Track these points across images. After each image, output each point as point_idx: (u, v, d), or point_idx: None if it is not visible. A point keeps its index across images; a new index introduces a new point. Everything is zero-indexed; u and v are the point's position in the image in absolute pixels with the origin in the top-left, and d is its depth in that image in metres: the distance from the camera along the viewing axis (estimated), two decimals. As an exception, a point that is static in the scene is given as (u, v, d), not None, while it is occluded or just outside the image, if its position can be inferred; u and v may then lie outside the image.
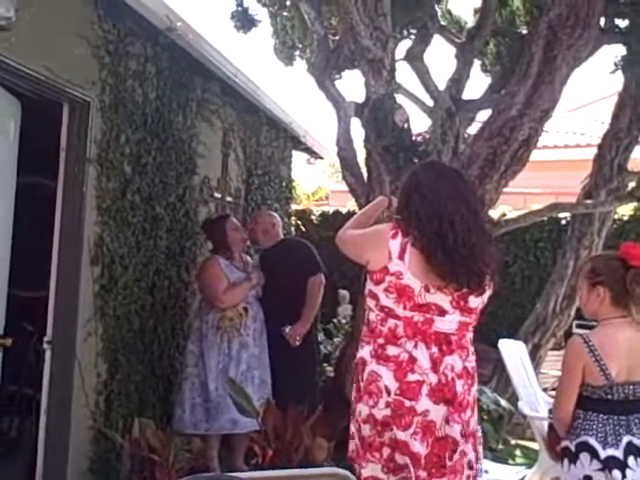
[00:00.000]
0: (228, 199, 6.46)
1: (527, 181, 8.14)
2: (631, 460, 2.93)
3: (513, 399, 5.52)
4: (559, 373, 3.72)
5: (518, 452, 5.90)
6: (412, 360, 2.65)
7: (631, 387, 3.02)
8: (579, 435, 3.02)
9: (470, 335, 2.78)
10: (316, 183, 13.24)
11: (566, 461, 3.05)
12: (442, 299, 2.68)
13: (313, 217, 9.90)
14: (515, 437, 6.10)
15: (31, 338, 4.54)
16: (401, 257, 2.67)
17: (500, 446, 5.36)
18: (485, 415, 5.91)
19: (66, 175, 4.14)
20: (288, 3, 6.17)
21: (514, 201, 9.05)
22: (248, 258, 5.38)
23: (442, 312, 2.69)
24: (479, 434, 2.86)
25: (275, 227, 5.55)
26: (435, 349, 2.66)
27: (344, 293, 8.93)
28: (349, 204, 9.33)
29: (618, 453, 2.94)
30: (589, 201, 6.65)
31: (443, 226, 2.65)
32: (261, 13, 6.70)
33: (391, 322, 2.69)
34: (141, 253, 4.75)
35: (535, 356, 6.67)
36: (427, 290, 2.66)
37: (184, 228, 5.44)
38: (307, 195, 12.38)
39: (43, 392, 4.09)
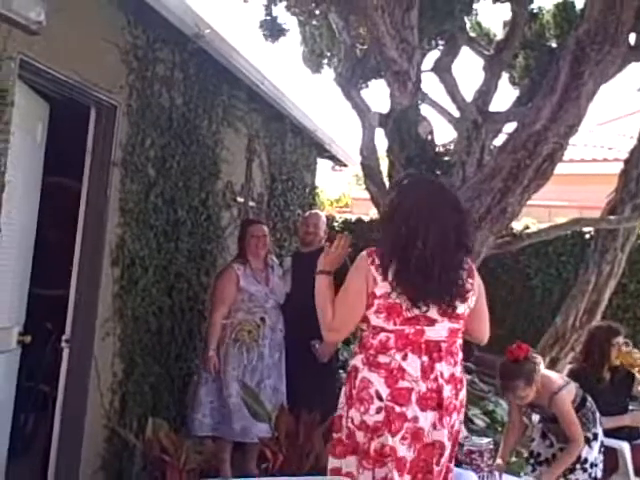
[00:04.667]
0: (251, 204, 6.49)
1: (553, 194, 8.10)
2: None
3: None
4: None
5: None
6: (402, 368, 2.74)
7: None
8: None
9: (460, 341, 2.88)
10: (340, 190, 13.26)
11: None
12: (430, 311, 2.78)
13: (335, 224, 9.92)
14: (527, 449, 6.05)
15: (50, 336, 4.60)
16: (385, 279, 2.78)
17: (513, 459, 5.33)
18: (499, 427, 5.88)
19: (91, 177, 4.21)
20: (317, 12, 6.20)
21: (539, 213, 9.01)
22: (275, 261, 5.31)
23: (431, 322, 2.79)
24: (461, 432, 3.01)
25: (320, 231, 5.50)
26: (425, 358, 2.75)
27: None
28: (372, 212, 9.33)
29: None
30: (613, 217, 6.59)
31: (411, 252, 2.76)
32: (290, 22, 6.73)
33: (382, 335, 2.78)
34: (162, 255, 4.81)
35: (553, 369, 6.62)
36: (415, 305, 2.76)
37: (206, 232, 5.49)
38: (330, 202, 12.39)
39: (59, 390, 4.15)
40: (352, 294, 2.88)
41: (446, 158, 5.06)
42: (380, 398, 2.72)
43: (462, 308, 2.84)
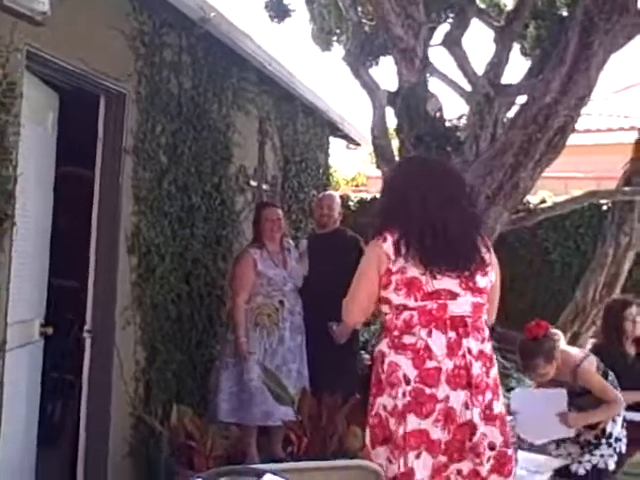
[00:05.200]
0: (264, 187, 6.48)
1: (569, 165, 8.04)
2: None
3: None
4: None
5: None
6: (428, 348, 2.66)
7: None
8: None
9: (485, 317, 2.80)
10: (355, 169, 13.21)
11: None
12: (450, 283, 2.72)
13: (350, 203, 9.87)
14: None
15: (72, 327, 4.63)
16: (398, 254, 2.73)
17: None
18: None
19: (103, 166, 4.22)
20: (324, -11, 6.16)
21: (555, 186, 8.93)
22: (291, 244, 5.30)
23: (454, 296, 2.72)
24: (509, 419, 2.86)
25: (335, 213, 5.49)
26: (452, 334, 2.68)
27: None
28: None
29: None
30: (628, 188, 6.52)
31: (417, 217, 2.75)
32: (296, 1, 6.67)
33: (405, 314, 2.71)
34: (177, 242, 4.81)
35: (574, 344, 6.59)
36: (433, 277, 2.70)
37: (220, 217, 5.49)
38: (346, 181, 12.35)
39: (83, 379, 4.19)
40: (362, 280, 2.86)
41: (457, 134, 5.00)
42: (407, 381, 2.64)
43: (484, 282, 2.78)
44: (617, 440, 4.09)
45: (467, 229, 2.83)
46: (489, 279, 2.81)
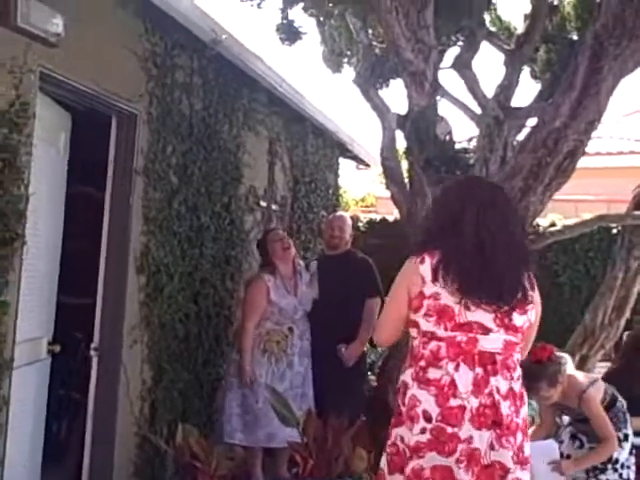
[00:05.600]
0: (274, 207, 6.51)
1: (579, 188, 8.02)
2: None
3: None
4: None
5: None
6: (454, 383, 2.55)
7: None
8: None
9: (517, 356, 2.67)
10: (365, 189, 13.22)
11: None
12: (484, 317, 2.58)
13: (360, 224, 9.89)
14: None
15: (79, 345, 4.64)
16: (435, 278, 2.60)
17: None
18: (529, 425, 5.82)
19: (114, 186, 4.25)
20: (335, 12, 6.19)
21: (565, 208, 8.92)
22: (302, 265, 5.26)
23: (486, 330, 2.59)
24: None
25: (346, 235, 5.46)
26: (480, 370, 2.56)
27: (390, 300, 8.90)
28: (396, 212, 9.29)
29: None
30: (638, 212, 6.50)
31: (465, 240, 2.62)
32: (307, 23, 6.72)
33: (433, 344, 2.59)
34: (186, 262, 4.83)
35: (583, 368, 6.56)
36: (467, 308, 2.57)
37: (230, 237, 5.51)
38: (355, 201, 12.36)
39: (90, 397, 4.20)
40: (394, 294, 2.75)
41: (467, 156, 5.01)
42: (428, 419, 2.54)
43: (521, 320, 2.64)
44: (624, 466, 4.06)
45: (515, 262, 2.68)
46: (527, 318, 2.68)
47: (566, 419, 4.33)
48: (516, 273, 2.67)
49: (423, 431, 2.54)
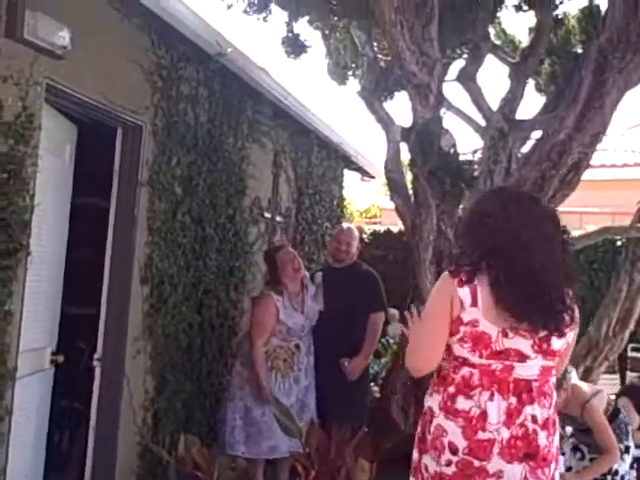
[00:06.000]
0: (278, 219, 6.52)
1: (584, 200, 8.03)
2: None
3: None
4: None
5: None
6: (484, 416, 2.41)
7: None
8: None
9: (553, 380, 2.54)
10: (369, 200, 13.27)
11: None
12: (522, 343, 2.43)
13: (364, 235, 9.91)
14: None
15: (82, 355, 4.65)
16: (474, 304, 2.43)
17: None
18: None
19: (119, 197, 4.27)
20: (340, 25, 6.24)
21: (570, 220, 8.87)
22: (307, 278, 5.17)
23: (523, 357, 2.44)
24: None
25: (352, 249, 5.39)
26: (513, 399, 2.42)
27: (394, 312, 8.87)
28: (401, 223, 9.30)
29: None
30: (642, 225, 6.51)
31: (513, 260, 2.42)
32: (312, 36, 6.76)
33: (465, 370, 2.45)
34: (190, 273, 4.84)
35: (587, 379, 6.55)
36: (505, 335, 2.41)
37: (234, 248, 5.52)
38: (360, 212, 12.39)
39: (92, 408, 4.20)
40: (432, 320, 2.53)
41: (472, 168, 5.02)
42: (454, 451, 2.42)
43: (559, 344, 2.48)
44: (623, 478, 4.05)
45: (562, 282, 2.49)
46: (566, 340, 2.51)
47: (569, 430, 4.32)
48: (562, 295, 2.48)
49: (449, 463, 2.43)
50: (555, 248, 2.50)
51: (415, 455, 2.57)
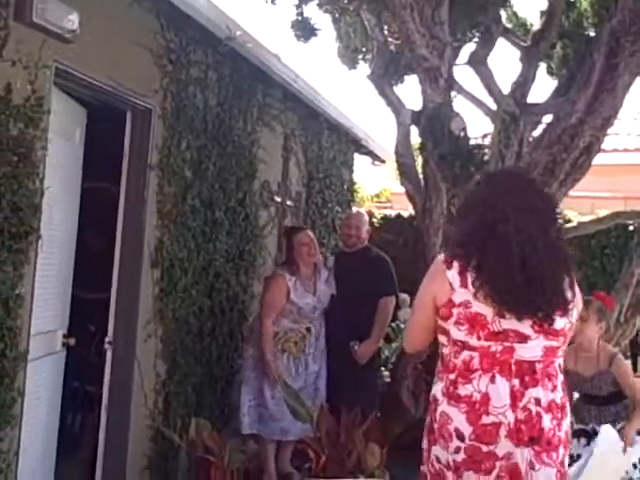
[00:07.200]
0: (288, 203, 6.51)
1: (595, 185, 7.98)
2: None
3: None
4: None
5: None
6: (486, 400, 2.37)
7: None
8: None
9: (559, 361, 2.48)
10: (380, 185, 13.19)
11: None
12: (521, 324, 2.39)
13: (374, 220, 9.88)
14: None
15: (93, 338, 4.68)
16: (464, 284, 2.41)
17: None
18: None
19: (128, 180, 4.26)
20: (350, 9, 6.20)
21: (581, 205, 8.87)
22: (320, 262, 5.26)
23: (523, 338, 2.39)
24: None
25: (362, 233, 5.42)
26: (516, 381, 2.38)
27: (404, 297, 8.85)
28: (411, 207, 9.27)
29: None
30: (654, 209, 6.47)
31: (505, 248, 2.37)
32: (322, 20, 6.72)
33: (465, 354, 2.42)
34: (200, 257, 4.85)
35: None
36: (501, 315, 2.38)
37: (244, 232, 5.52)
38: (370, 197, 12.34)
39: (104, 391, 4.22)
40: (420, 300, 2.58)
41: (481, 153, 5.00)
42: (461, 438, 2.39)
43: (562, 322, 2.42)
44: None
45: (556, 266, 2.44)
46: (568, 320, 2.46)
47: (575, 396, 4.30)
48: (556, 281, 2.44)
49: (457, 450, 2.41)
50: (549, 235, 2.45)
51: (425, 445, 2.55)
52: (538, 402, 2.39)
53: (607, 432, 3.96)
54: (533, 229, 2.40)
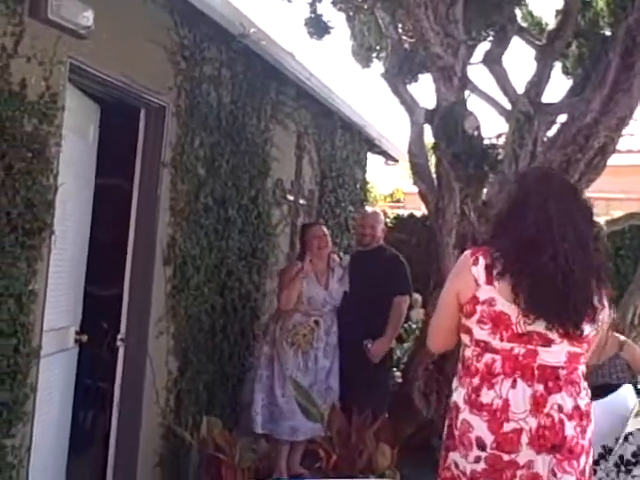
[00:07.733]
0: (301, 201, 6.50)
1: (610, 185, 7.94)
2: None
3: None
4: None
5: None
6: (506, 406, 2.33)
7: None
8: None
9: (582, 368, 2.43)
10: (393, 185, 13.19)
11: None
12: (546, 327, 2.34)
13: (388, 219, 9.86)
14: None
15: (105, 335, 4.68)
16: (489, 282, 2.37)
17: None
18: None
19: (142, 177, 4.27)
20: (365, 7, 6.18)
21: (596, 206, 8.78)
22: (336, 262, 5.28)
23: (547, 342, 2.34)
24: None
25: (377, 232, 5.42)
26: (540, 387, 2.33)
27: (416, 297, 8.85)
28: (424, 207, 9.24)
29: None
30: (671, 210, 6.42)
31: (542, 256, 2.32)
32: (336, 18, 6.71)
33: (487, 357, 2.37)
34: (213, 254, 4.85)
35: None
36: (527, 316, 2.32)
37: (256, 230, 5.52)
38: (384, 197, 12.34)
39: (115, 388, 4.23)
40: (443, 299, 2.54)
41: (495, 152, 4.98)
42: (482, 447, 2.35)
43: (588, 329, 2.37)
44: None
45: (589, 275, 2.37)
46: (595, 326, 2.39)
47: None
48: (586, 291, 2.36)
49: (477, 460, 2.37)
50: (587, 245, 2.39)
51: (443, 452, 2.51)
52: (561, 409, 2.34)
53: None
54: (575, 237, 2.35)
